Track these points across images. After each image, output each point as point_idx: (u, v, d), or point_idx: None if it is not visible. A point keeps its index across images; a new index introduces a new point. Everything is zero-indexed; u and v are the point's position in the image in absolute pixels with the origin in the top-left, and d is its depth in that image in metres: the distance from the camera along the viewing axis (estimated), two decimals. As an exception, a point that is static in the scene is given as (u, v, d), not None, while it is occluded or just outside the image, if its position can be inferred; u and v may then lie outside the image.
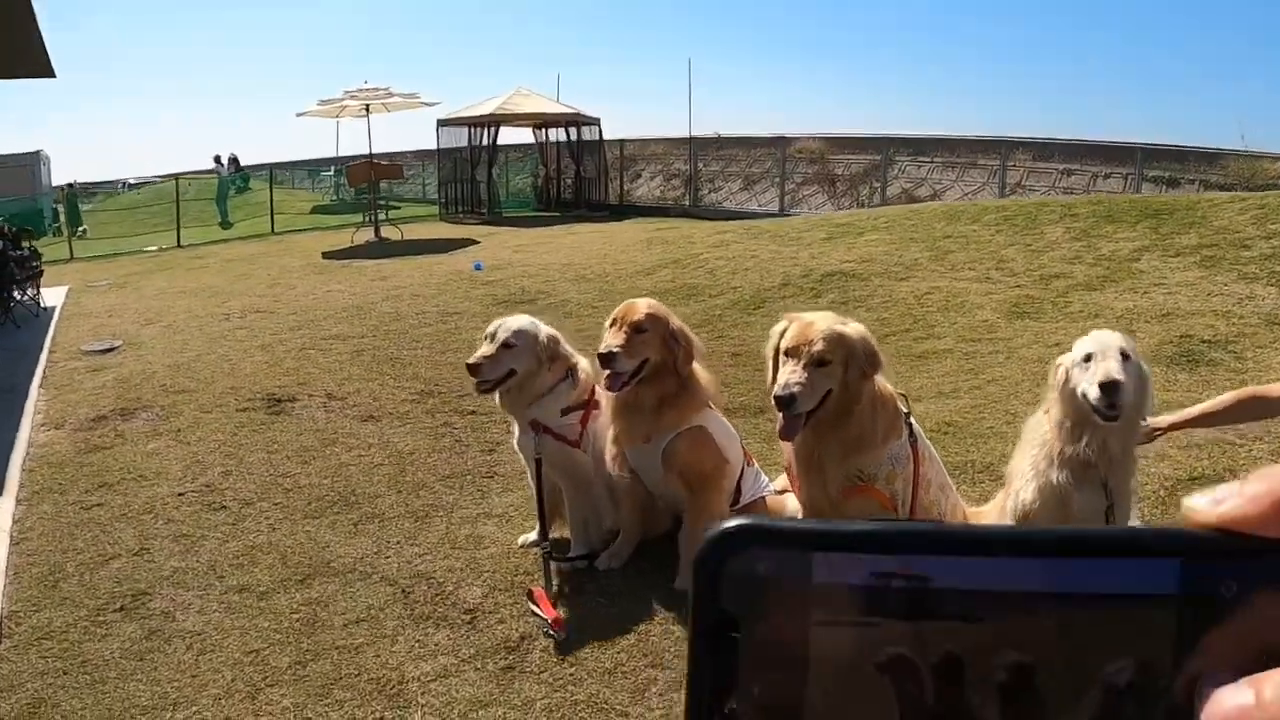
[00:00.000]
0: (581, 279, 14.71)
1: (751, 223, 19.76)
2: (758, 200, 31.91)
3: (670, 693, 4.16)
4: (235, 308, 14.30)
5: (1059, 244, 12.75)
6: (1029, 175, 27.53)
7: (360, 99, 25.23)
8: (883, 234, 14.84)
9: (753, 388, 8.58)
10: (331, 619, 4.92)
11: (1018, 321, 9.92)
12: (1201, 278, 10.57)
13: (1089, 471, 4.05)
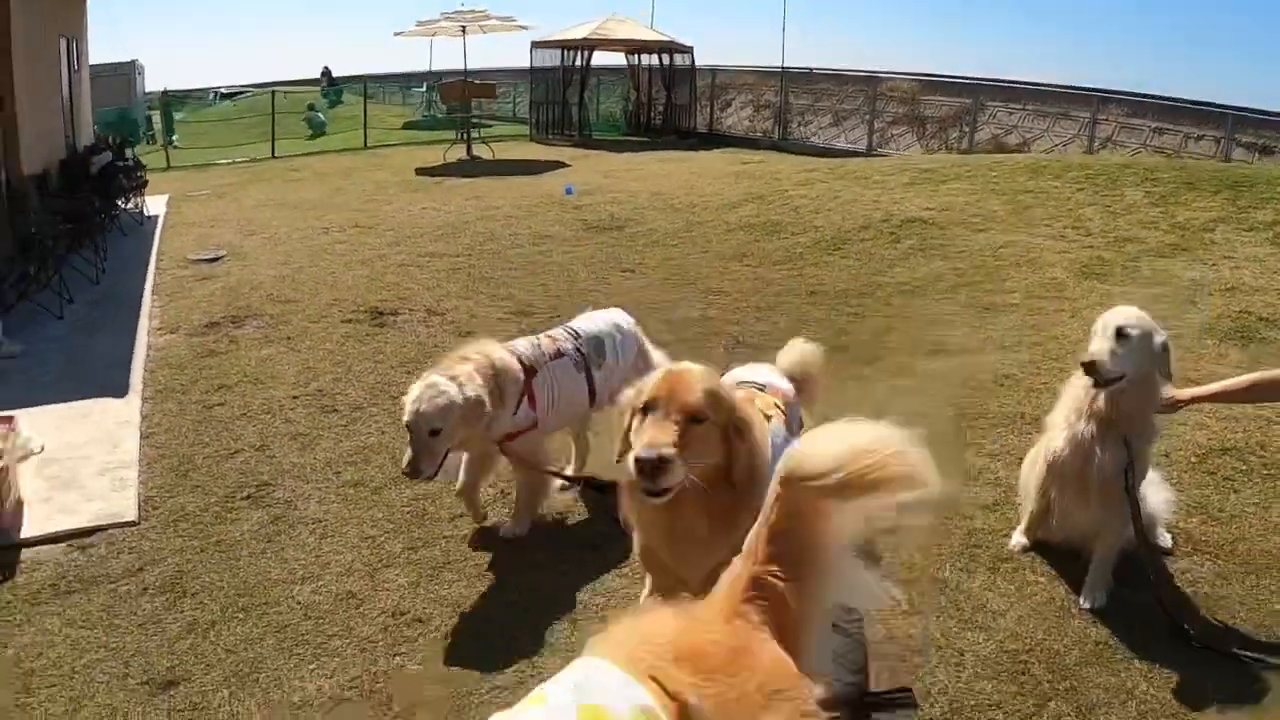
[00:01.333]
0: (670, 208, 15.10)
1: (837, 161, 20.08)
2: (846, 137, 31.99)
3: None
4: (334, 221, 14.84)
5: (1137, 207, 13.00)
6: (1120, 131, 27.38)
7: (457, 21, 25.59)
8: (965, 183, 15.12)
9: (827, 326, 9.12)
10: (438, 512, 5.53)
11: (1086, 282, 10.25)
12: (1271, 254, 10.81)
13: (1112, 427, 4.58)
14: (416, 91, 47.81)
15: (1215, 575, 5.11)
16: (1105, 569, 4.84)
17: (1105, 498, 4.69)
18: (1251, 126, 25.67)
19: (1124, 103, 28.06)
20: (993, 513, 5.62)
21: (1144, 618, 4.66)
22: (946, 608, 4.71)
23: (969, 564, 5.10)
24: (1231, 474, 6.20)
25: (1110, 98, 28.21)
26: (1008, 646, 4.43)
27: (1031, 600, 4.81)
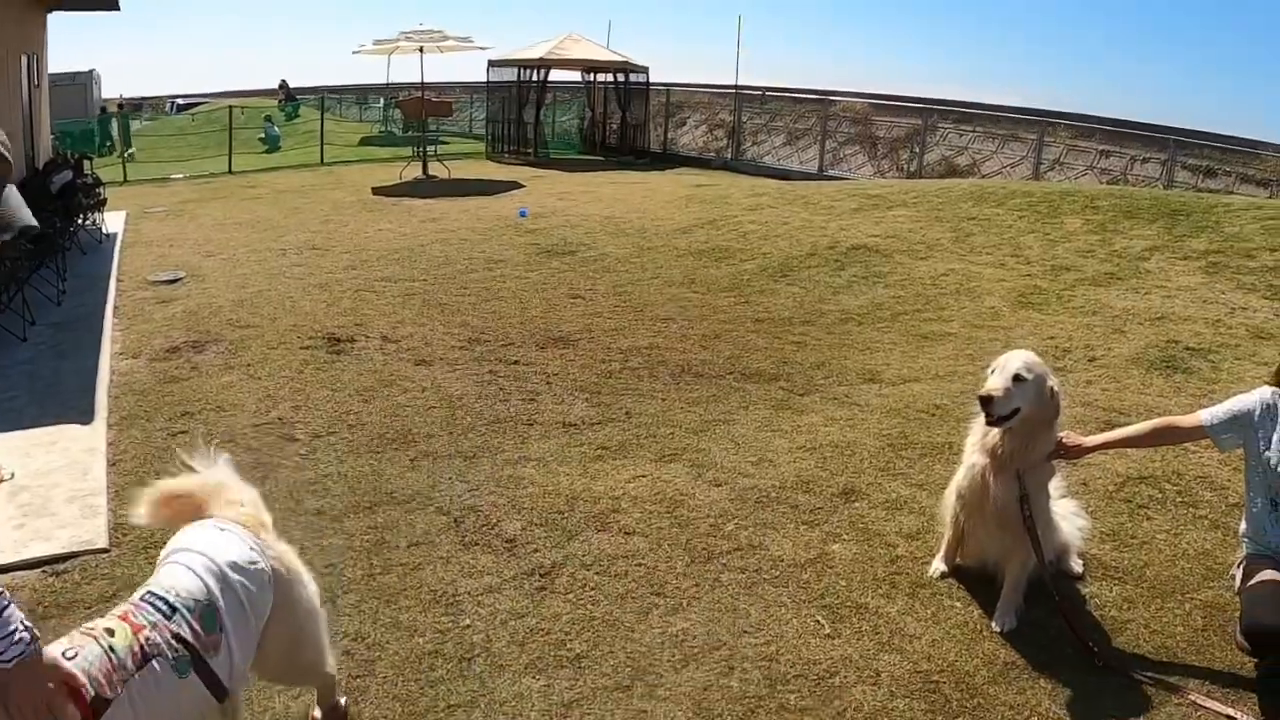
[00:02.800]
0: (621, 233, 15.30)
1: (788, 185, 20.35)
2: (799, 157, 32.32)
3: (668, 616, 5.06)
4: (291, 243, 14.97)
5: (1076, 235, 13.36)
6: (1068, 153, 27.78)
7: (415, 40, 25.74)
8: (910, 210, 15.45)
9: (770, 354, 9.37)
10: (395, 541, 5.77)
11: (1021, 311, 10.60)
12: (1202, 284, 11.18)
13: (1004, 463, 4.95)
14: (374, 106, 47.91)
15: (1122, 599, 5.42)
16: (1015, 594, 5.13)
17: (1005, 526, 5.03)
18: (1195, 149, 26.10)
19: (1071, 126, 28.51)
20: (915, 541, 5.90)
21: (1052, 640, 4.97)
22: (866, 631, 4.98)
23: (890, 590, 5.37)
24: (1146, 502, 6.52)
25: (1058, 121, 28.64)
26: (921, 667, 4.70)
27: (946, 624, 5.10)
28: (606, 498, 6.34)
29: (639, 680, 4.53)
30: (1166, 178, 25.46)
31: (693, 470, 6.79)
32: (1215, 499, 6.58)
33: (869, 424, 7.72)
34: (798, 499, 6.38)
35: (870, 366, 9.13)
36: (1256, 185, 24.87)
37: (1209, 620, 5.24)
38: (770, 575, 5.47)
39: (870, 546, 5.82)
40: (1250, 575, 4.84)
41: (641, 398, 8.22)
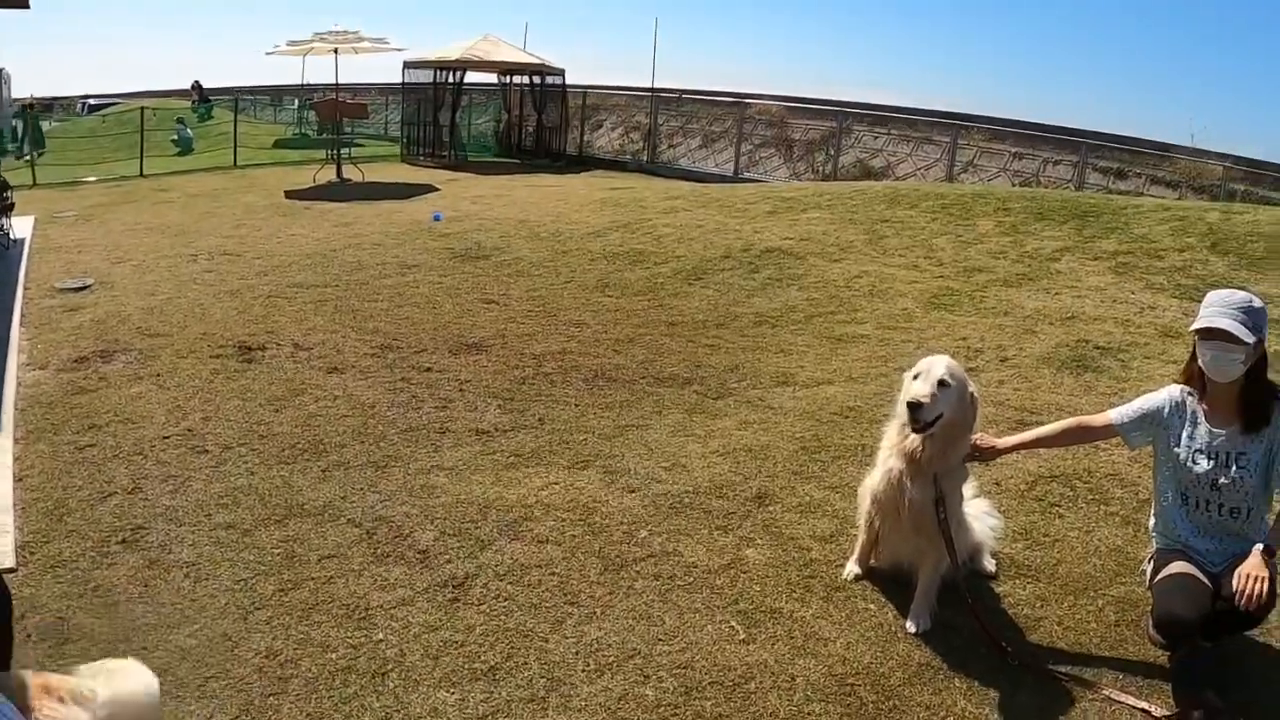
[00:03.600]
0: (536, 237, 15.21)
1: (702, 188, 20.37)
2: (715, 159, 32.46)
3: (582, 625, 5.01)
4: (202, 248, 14.71)
5: (988, 237, 13.52)
6: (981, 155, 28.12)
7: (329, 42, 25.52)
8: (824, 212, 15.53)
9: (684, 358, 9.34)
10: (307, 554, 5.68)
11: (934, 313, 10.68)
12: (1112, 283, 11.36)
13: (921, 466, 4.96)
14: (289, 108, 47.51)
15: (1035, 597, 5.47)
16: (929, 595, 5.16)
17: (920, 529, 5.05)
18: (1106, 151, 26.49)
19: (985, 129, 28.82)
20: (829, 544, 5.90)
21: (966, 640, 5.00)
22: (781, 636, 4.97)
23: (804, 594, 5.36)
24: (1058, 500, 6.60)
25: (972, 124, 28.94)
26: (836, 671, 4.70)
27: (861, 626, 5.10)
28: (519, 506, 6.28)
29: (554, 691, 4.49)
30: (1078, 179, 25.85)
31: (606, 477, 6.74)
32: (1126, 495, 6.66)
33: (782, 427, 7.72)
34: (711, 504, 6.36)
35: (784, 369, 9.14)
36: (1166, 186, 25.33)
37: (1121, 615, 5.31)
38: (684, 582, 5.44)
39: (784, 550, 5.81)
40: (1161, 569, 4.92)
41: (555, 404, 8.17)
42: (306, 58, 31.71)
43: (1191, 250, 12.34)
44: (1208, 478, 4.83)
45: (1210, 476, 4.82)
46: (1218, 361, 4.67)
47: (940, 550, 5.03)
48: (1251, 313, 4.63)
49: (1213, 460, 4.82)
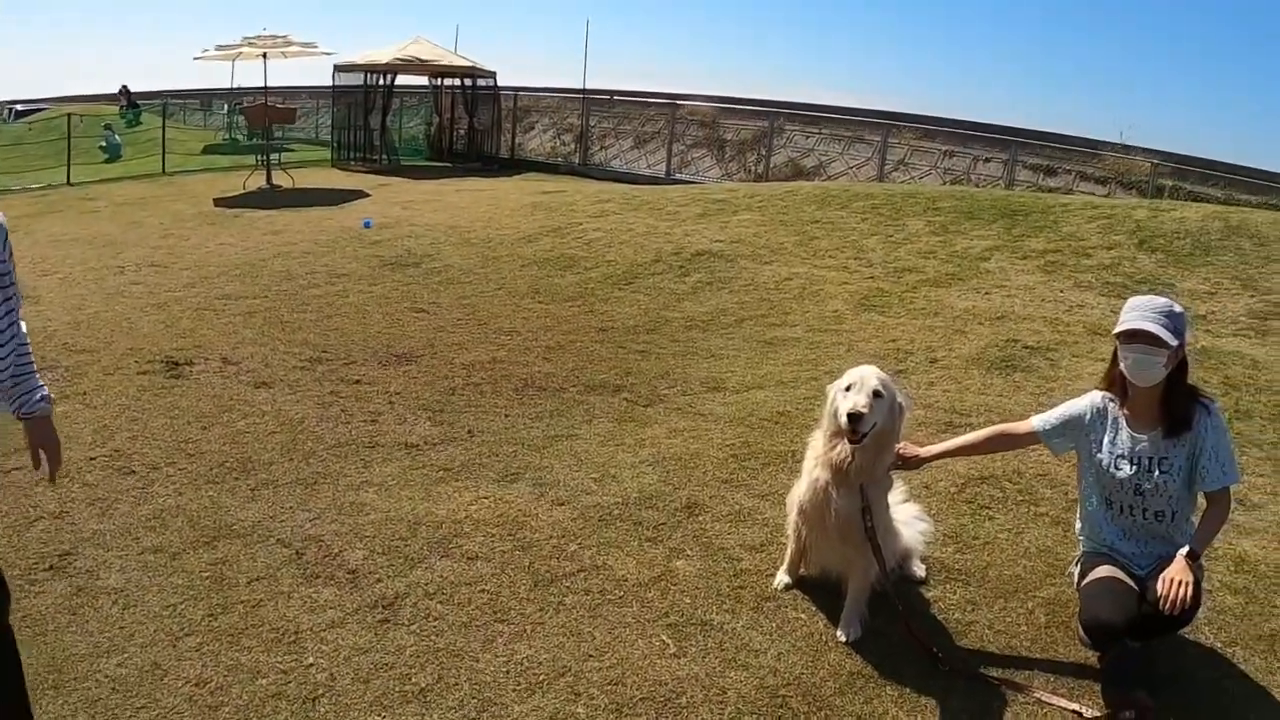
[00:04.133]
0: (466, 243, 15.13)
1: (633, 190, 20.33)
2: (647, 160, 32.41)
3: (513, 643, 4.96)
4: (129, 260, 14.52)
5: (918, 237, 13.61)
6: (912, 154, 28.25)
7: (259, 46, 25.26)
8: (755, 214, 15.56)
9: (614, 365, 9.33)
10: (236, 577, 5.59)
11: (864, 314, 10.72)
12: (1041, 282, 11.48)
13: (845, 477, 4.96)
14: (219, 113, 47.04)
15: (966, 601, 5.49)
16: (859, 603, 5.15)
17: (847, 538, 5.04)
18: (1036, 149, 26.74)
19: (915, 127, 28.98)
20: (759, 553, 5.89)
21: (896, 647, 5.00)
22: (712, 648, 4.94)
23: (735, 605, 5.34)
24: (988, 502, 6.63)
25: (902, 123, 29.09)
26: (768, 682, 4.68)
27: (792, 636, 5.09)
28: (449, 522, 6.21)
29: (485, 712, 4.44)
30: (1008, 177, 26.05)
31: (535, 489, 6.70)
32: (1055, 496, 6.71)
33: (712, 434, 7.72)
34: (641, 515, 6.33)
35: (714, 374, 9.14)
36: (1095, 183, 25.60)
37: (1052, 617, 5.35)
38: (614, 596, 5.41)
39: (714, 561, 5.79)
40: (1087, 572, 4.97)
41: (484, 414, 8.13)
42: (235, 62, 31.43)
43: (1119, 248, 12.48)
44: (1131, 483, 4.87)
45: (1133, 482, 4.87)
46: (1140, 365, 4.71)
47: (869, 559, 5.04)
48: (1173, 317, 4.66)
49: (1135, 465, 4.86)
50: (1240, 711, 4.71)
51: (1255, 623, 5.40)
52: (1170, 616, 4.47)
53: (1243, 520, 6.35)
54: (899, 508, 5.74)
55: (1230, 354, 9.35)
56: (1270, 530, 6.44)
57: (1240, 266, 11.72)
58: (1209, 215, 13.69)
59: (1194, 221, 13.23)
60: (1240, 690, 4.88)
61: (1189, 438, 4.79)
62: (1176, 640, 5.08)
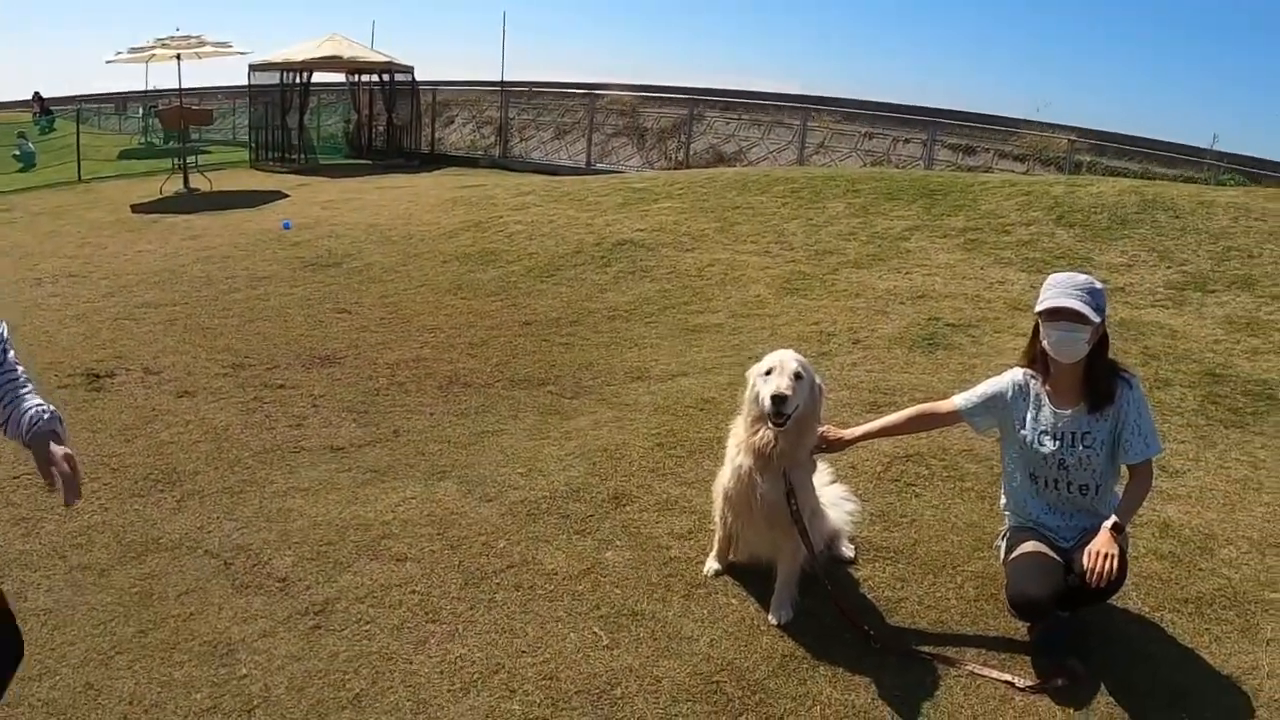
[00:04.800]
0: (387, 240, 15.02)
1: (554, 181, 20.29)
2: (567, 151, 32.38)
3: (445, 643, 4.93)
4: (47, 271, 14.26)
5: (839, 219, 13.67)
6: (832, 137, 28.41)
7: (172, 48, 24.88)
8: (676, 202, 15.56)
9: (538, 358, 9.30)
10: (165, 591, 5.50)
11: (786, 298, 10.74)
12: (961, 260, 11.59)
13: (769, 462, 4.97)
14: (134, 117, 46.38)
15: (895, 579, 5.53)
16: (789, 586, 5.18)
17: (774, 523, 5.06)
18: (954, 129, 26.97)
19: (835, 110, 29.13)
20: (688, 540, 5.89)
21: (828, 627, 5.03)
22: (644, 638, 4.94)
23: (665, 593, 5.34)
24: (914, 480, 6.69)
25: (821, 107, 29.21)
26: (701, 669, 4.68)
27: (724, 622, 5.09)
28: (377, 524, 6.15)
29: (420, 714, 4.40)
30: (928, 157, 26.27)
31: (463, 486, 6.64)
32: (981, 471, 6.77)
33: (638, 424, 7.70)
34: (569, 508, 6.30)
35: (638, 364, 9.14)
36: (1014, 160, 25.88)
37: (981, 590, 5.40)
38: (545, 590, 5.38)
39: (643, 551, 5.79)
40: (1014, 548, 5.03)
41: (410, 413, 8.07)
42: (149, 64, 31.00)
43: (1038, 224, 12.61)
44: (1054, 458, 4.92)
45: (1057, 457, 4.92)
46: (1063, 342, 4.74)
47: (796, 542, 5.06)
48: (1094, 293, 4.70)
49: (1058, 441, 4.91)
50: (1170, 674, 4.78)
51: (1182, 586, 5.50)
52: (1097, 588, 4.52)
53: (1166, 487, 6.43)
54: (825, 489, 5.78)
55: (1149, 324, 9.48)
56: (1193, 496, 6.55)
57: (1157, 239, 11.85)
58: (1125, 190, 13.83)
59: (1110, 196, 13.37)
60: (1169, 654, 4.96)
61: (1111, 412, 4.84)
62: (1105, 608, 5.14)
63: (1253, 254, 11.21)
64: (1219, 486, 6.71)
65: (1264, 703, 4.60)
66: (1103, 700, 4.60)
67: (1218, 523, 6.21)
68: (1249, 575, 5.64)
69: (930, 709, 4.50)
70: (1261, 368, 8.59)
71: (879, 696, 4.55)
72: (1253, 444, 7.38)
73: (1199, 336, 9.25)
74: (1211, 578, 5.60)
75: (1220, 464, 7.06)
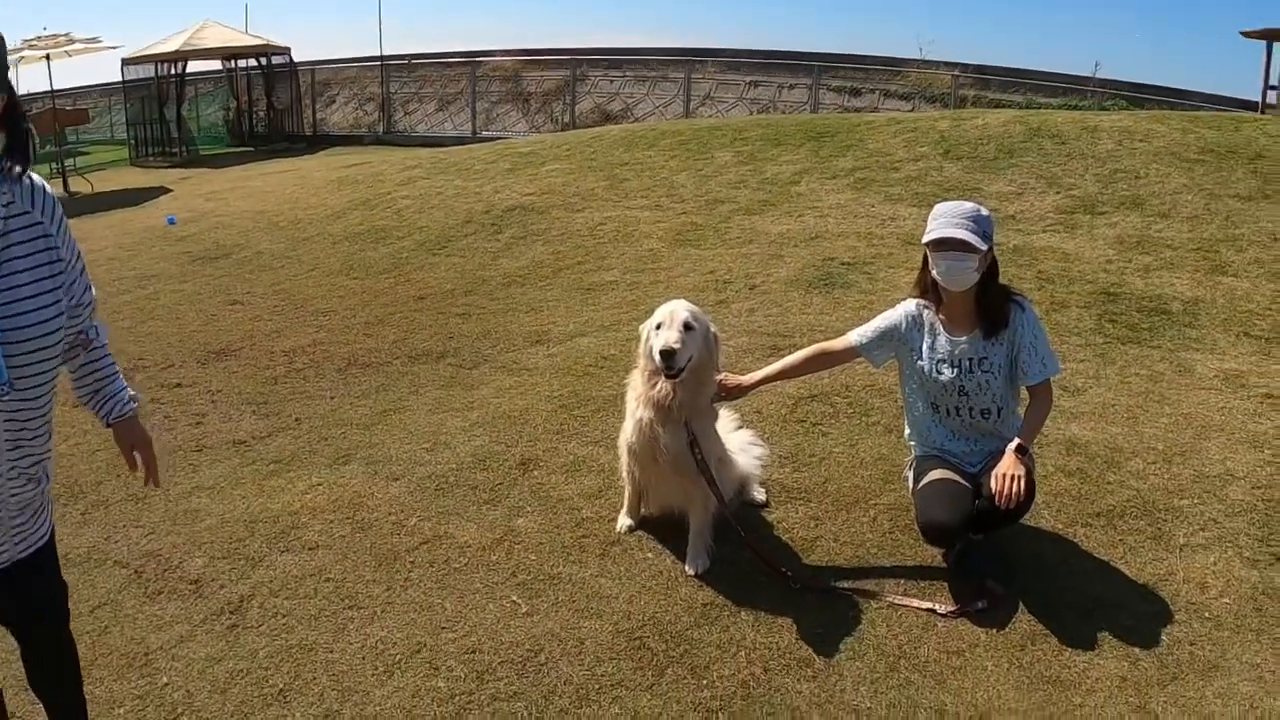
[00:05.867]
0: (275, 227, 14.73)
1: (440, 153, 20.06)
2: (452, 122, 32.20)
3: (365, 627, 4.85)
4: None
5: (728, 168, 13.68)
6: (717, 88, 28.49)
7: (40, 48, 24.29)
8: (563, 163, 15.45)
9: (435, 332, 9.19)
10: (77, 607, 5.30)
11: (680, 250, 10.72)
12: (852, 199, 11.66)
13: (669, 413, 4.95)
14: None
15: (809, 518, 5.57)
16: (703, 535, 5.17)
17: (680, 473, 5.05)
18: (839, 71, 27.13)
19: (718, 61, 29.17)
20: (598, 499, 5.87)
21: (746, 573, 5.04)
22: (563, 601, 4.91)
23: (580, 555, 5.32)
24: (820, 419, 6.74)
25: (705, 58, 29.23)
26: (623, 626, 4.67)
27: (641, 577, 5.08)
28: (285, 515, 6.03)
29: (346, 702, 4.32)
30: (813, 102, 26.40)
31: (369, 468, 6.54)
32: (886, 405, 6.85)
33: (540, 388, 7.66)
34: (476, 478, 6.24)
35: (536, 328, 9.07)
36: (900, 99, 26.20)
37: (895, 522, 5.47)
38: (459, 564, 5.32)
39: (554, 514, 5.75)
40: (921, 476, 5.08)
41: (310, 400, 7.93)
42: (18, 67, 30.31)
43: (925, 159, 12.71)
44: (954, 385, 4.97)
45: (956, 384, 4.96)
46: (952, 271, 4.78)
47: (705, 491, 5.06)
48: (980, 221, 4.72)
49: (956, 368, 4.95)
50: (1087, 586, 4.88)
51: (1092, 501, 5.62)
52: (1006, 510, 4.56)
53: (1069, 405, 6.53)
54: (732, 435, 5.79)
55: (1042, 249, 9.61)
56: (1095, 412, 6.69)
57: (1044, 166, 12.02)
58: (1010, 120, 13.99)
59: (996, 127, 13.51)
60: (1086, 567, 5.06)
61: (1006, 336, 4.90)
62: (1019, 528, 5.23)
63: (1139, 175, 11.41)
64: (1121, 401, 6.85)
65: (1181, 606, 4.70)
66: (1024, 618, 4.66)
67: (1122, 436, 6.35)
68: (1157, 485, 5.76)
69: (854, 643, 4.52)
70: (1154, 284, 8.74)
71: (802, 636, 4.56)
72: (1151, 358, 7.54)
73: (1091, 258, 9.38)
74: (1121, 490, 5.72)
75: (1121, 379, 7.21)
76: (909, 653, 4.46)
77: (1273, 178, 10.96)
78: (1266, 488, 5.70)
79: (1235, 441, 6.25)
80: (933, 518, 4.77)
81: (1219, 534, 5.28)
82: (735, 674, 4.36)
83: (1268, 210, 10.14)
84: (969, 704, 4.14)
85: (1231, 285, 8.68)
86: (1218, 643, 4.45)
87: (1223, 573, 4.94)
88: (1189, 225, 9.99)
